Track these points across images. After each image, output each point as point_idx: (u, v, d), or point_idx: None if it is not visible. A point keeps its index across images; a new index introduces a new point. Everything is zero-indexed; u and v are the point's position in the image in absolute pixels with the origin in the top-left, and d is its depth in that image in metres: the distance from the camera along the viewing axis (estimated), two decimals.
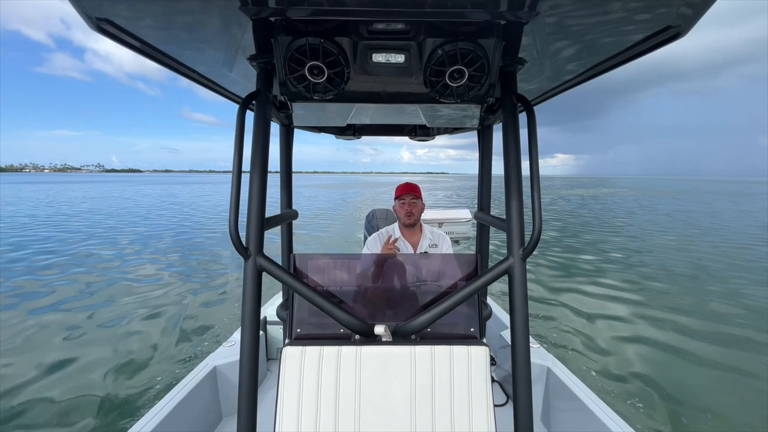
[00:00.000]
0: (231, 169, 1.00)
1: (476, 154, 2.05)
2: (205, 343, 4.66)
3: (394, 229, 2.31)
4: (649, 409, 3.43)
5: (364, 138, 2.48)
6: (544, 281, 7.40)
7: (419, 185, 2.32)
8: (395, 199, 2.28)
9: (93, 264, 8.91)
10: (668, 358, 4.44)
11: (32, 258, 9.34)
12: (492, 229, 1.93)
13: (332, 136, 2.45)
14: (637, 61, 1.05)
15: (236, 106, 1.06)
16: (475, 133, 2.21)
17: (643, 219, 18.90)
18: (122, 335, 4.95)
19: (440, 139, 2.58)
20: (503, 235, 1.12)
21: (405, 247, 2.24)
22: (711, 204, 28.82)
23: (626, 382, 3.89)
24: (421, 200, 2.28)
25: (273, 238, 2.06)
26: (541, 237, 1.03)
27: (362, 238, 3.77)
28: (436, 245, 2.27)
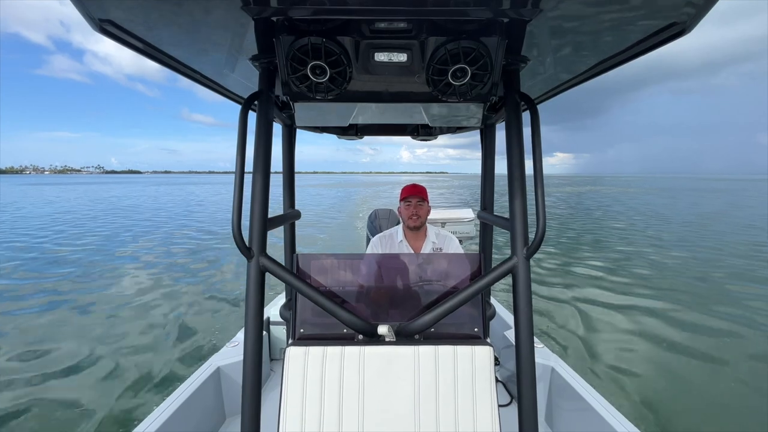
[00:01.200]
0: (230, 170, 1.00)
1: (476, 154, 2.04)
2: (207, 342, 4.68)
3: (398, 231, 2.27)
4: (653, 408, 3.43)
5: (364, 138, 2.47)
6: (545, 279, 7.43)
7: (424, 186, 2.25)
8: (401, 200, 2.22)
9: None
10: (671, 354, 4.47)
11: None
12: (495, 229, 1.93)
13: (333, 136, 2.44)
14: (636, 60, 1.05)
15: (236, 107, 1.06)
16: (475, 132, 2.20)
17: (612, 209, 22.70)
18: (127, 334, 4.97)
19: (440, 139, 2.56)
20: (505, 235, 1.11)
21: (408, 251, 2.20)
22: (676, 199, 32.15)
23: (630, 381, 3.89)
24: (428, 203, 2.21)
25: (277, 242, 2.07)
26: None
27: (364, 234, 3.77)
28: (440, 249, 2.22)
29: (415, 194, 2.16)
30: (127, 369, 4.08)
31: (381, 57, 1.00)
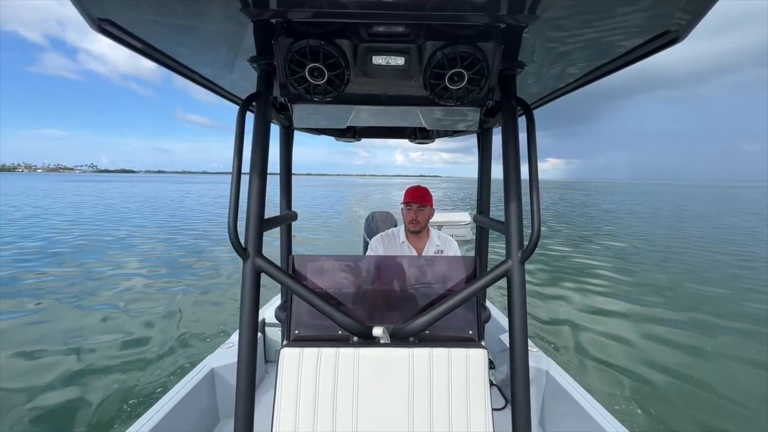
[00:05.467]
0: (224, 171, 0.99)
1: (469, 158, 2.07)
2: (201, 343, 4.64)
3: (400, 232, 2.27)
4: (648, 411, 3.46)
5: (360, 140, 2.47)
6: (542, 281, 7.51)
7: (428, 188, 2.25)
8: (403, 202, 2.22)
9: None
10: (667, 354, 4.56)
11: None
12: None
13: (328, 138, 2.44)
14: (625, 69, 1.07)
15: (232, 109, 1.06)
16: (469, 136, 2.22)
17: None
18: (122, 334, 4.92)
19: (434, 143, 2.58)
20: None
21: (410, 253, 2.21)
22: (615, 204, 36.11)
23: (625, 384, 3.93)
24: (430, 207, 2.20)
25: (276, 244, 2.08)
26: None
27: (362, 236, 3.77)
28: (442, 251, 2.22)
29: (415, 200, 2.15)
30: (119, 370, 4.03)
31: (379, 60, 1.00)
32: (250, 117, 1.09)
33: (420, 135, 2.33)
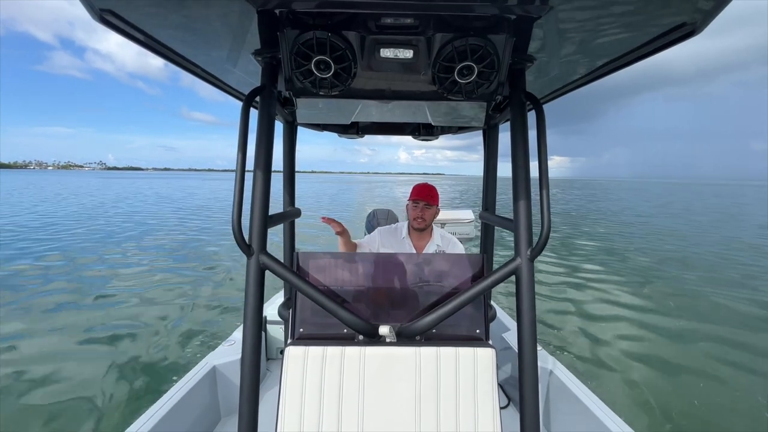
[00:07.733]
0: (229, 168, 0.98)
1: (473, 156, 2.05)
2: (202, 341, 4.65)
3: (403, 227, 2.27)
4: (649, 410, 3.44)
5: (363, 138, 2.44)
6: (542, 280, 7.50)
7: (435, 187, 2.23)
8: (409, 199, 2.21)
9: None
10: (666, 352, 4.52)
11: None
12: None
13: (331, 135, 2.42)
14: (631, 66, 1.04)
15: (235, 106, 1.04)
16: (473, 134, 2.19)
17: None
18: (120, 330, 4.92)
19: (437, 140, 2.54)
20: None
21: (410, 249, 2.20)
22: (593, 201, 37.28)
23: (628, 384, 3.89)
24: (436, 206, 2.20)
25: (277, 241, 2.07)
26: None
27: (363, 232, 3.76)
28: (443, 252, 2.20)
29: (422, 198, 2.15)
30: (120, 367, 4.03)
31: (386, 53, 0.98)
32: (254, 113, 1.07)
33: (424, 131, 2.30)
